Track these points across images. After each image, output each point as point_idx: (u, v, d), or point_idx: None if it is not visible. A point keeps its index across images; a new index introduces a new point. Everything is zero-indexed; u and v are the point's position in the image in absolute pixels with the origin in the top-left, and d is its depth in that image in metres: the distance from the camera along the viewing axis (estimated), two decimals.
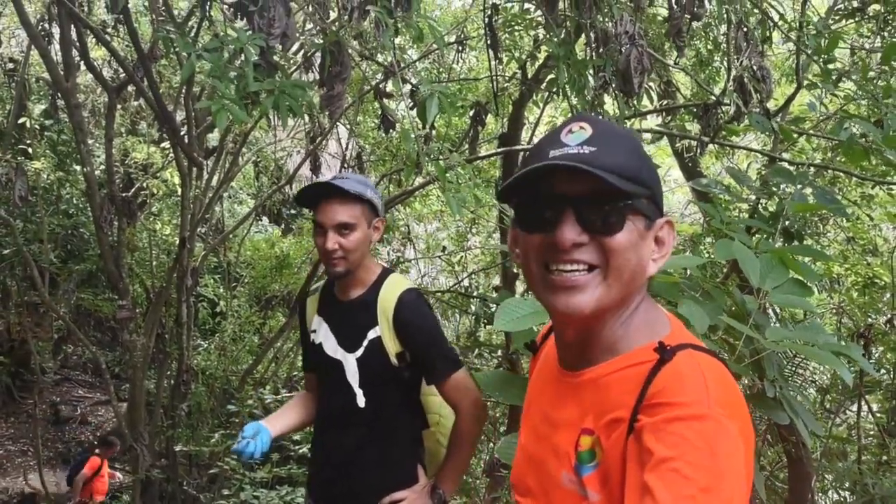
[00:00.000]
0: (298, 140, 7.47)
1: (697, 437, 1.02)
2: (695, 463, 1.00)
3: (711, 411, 1.05)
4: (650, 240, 1.18)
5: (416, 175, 6.78)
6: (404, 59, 5.84)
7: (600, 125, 1.18)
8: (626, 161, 1.14)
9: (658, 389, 1.09)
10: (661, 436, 1.04)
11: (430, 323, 2.42)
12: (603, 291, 1.14)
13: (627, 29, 3.70)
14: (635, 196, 1.14)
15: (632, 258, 1.15)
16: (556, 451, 1.23)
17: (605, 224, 1.13)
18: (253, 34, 2.75)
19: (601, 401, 1.17)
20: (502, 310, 2.01)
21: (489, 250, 7.45)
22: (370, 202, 2.39)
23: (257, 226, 9.15)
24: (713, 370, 1.13)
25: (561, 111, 6.71)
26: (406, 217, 7.71)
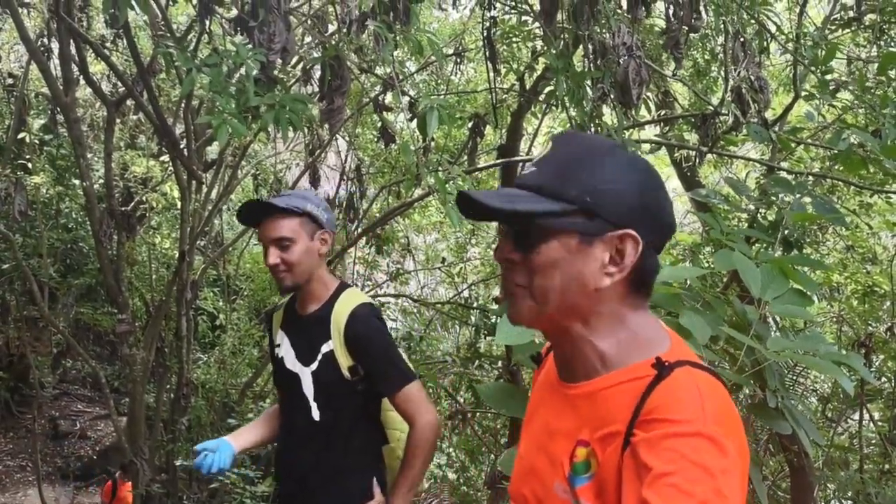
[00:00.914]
0: (297, 153, 7.48)
1: (694, 453, 1.03)
2: (693, 479, 1.01)
3: (707, 429, 1.06)
4: (596, 253, 1.18)
5: (415, 187, 6.82)
6: (403, 71, 5.86)
7: (564, 142, 1.24)
8: (553, 178, 1.18)
9: (654, 406, 1.11)
10: (658, 451, 1.05)
11: (381, 336, 2.44)
12: (532, 306, 1.21)
13: (625, 40, 3.72)
14: (546, 215, 1.16)
15: (555, 276, 1.18)
16: (551, 461, 1.25)
17: (523, 243, 1.19)
18: (253, 49, 2.77)
19: (597, 414, 1.19)
20: (504, 322, 2.01)
21: (489, 261, 7.46)
22: (310, 215, 2.43)
23: (256, 238, 9.14)
24: (710, 388, 1.14)
25: (559, 122, 6.73)
26: (405, 228, 7.72)
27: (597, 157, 1.21)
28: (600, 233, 1.18)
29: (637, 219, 1.19)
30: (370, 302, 2.51)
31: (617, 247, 1.19)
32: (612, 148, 1.25)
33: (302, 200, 2.47)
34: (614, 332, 1.22)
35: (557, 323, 1.23)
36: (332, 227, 2.54)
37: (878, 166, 2.65)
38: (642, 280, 1.23)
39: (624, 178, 1.20)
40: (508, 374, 6.11)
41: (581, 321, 1.22)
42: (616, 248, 1.19)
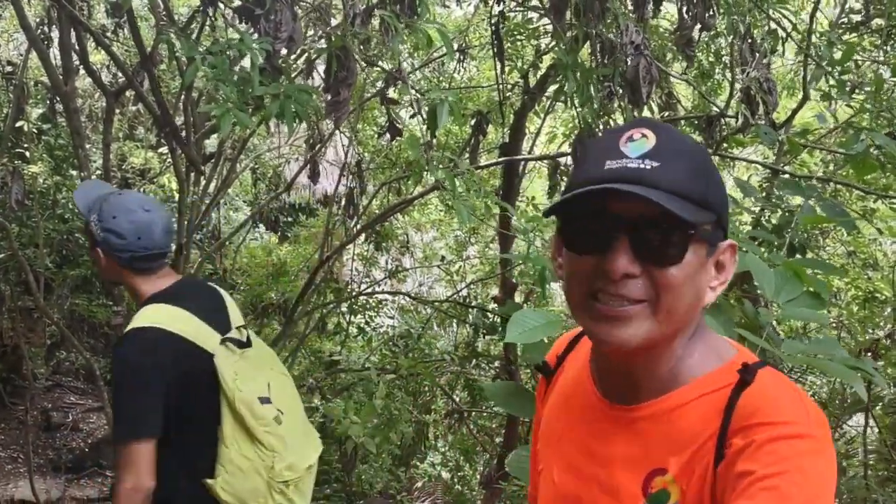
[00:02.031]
0: (297, 147, 7.44)
1: (800, 456, 0.96)
2: (796, 483, 0.93)
3: (812, 431, 0.99)
4: (710, 267, 1.08)
5: (417, 183, 6.77)
6: (405, 67, 5.82)
7: (664, 133, 1.05)
8: (691, 181, 1.02)
9: (752, 410, 1.01)
10: (760, 455, 0.96)
11: (120, 375, 2.25)
12: (651, 326, 1.04)
13: (633, 39, 3.68)
14: (700, 224, 1.02)
15: (687, 292, 1.04)
16: (608, 491, 1.13)
17: (662, 255, 1.02)
18: (259, 38, 2.72)
19: (674, 435, 1.07)
20: (513, 321, 1.96)
21: (488, 260, 7.42)
22: (88, 228, 2.35)
23: (253, 233, 9.10)
24: (801, 390, 1.06)
25: (560, 122, 6.69)
26: (404, 226, 7.68)
27: (701, 154, 1.09)
28: (717, 243, 1.08)
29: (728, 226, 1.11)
30: (145, 327, 2.26)
31: (719, 258, 1.09)
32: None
33: (85, 204, 2.38)
34: (690, 346, 1.11)
35: (662, 345, 1.08)
36: (109, 246, 2.33)
37: (893, 170, 2.62)
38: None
39: (721, 182, 1.10)
40: (507, 374, 6.08)
41: (675, 338, 1.09)
42: (717, 260, 1.09)
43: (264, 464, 2.27)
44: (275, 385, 2.39)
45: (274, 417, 2.32)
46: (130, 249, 2.32)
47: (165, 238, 2.40)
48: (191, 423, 2.30)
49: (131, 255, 2.33)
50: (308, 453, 2.45)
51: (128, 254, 2.32)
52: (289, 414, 2.39)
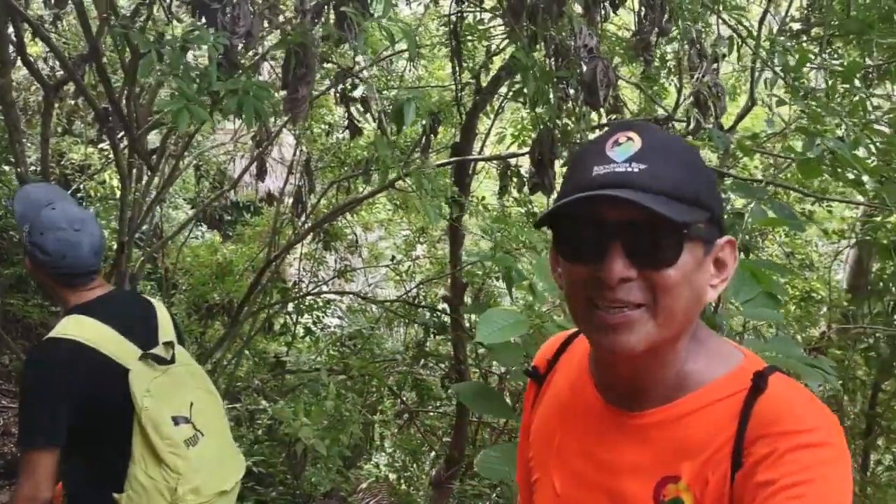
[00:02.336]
0: (243, 144, 7.30)
1: (823, 465, 0.96)
2: (821, 492, 0.93)
3: (833, 439, 0.99)
4: (709, 265, 1.07)
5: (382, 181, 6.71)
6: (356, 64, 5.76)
7: (649, 134, 1.05)
8: (682, 180, 1.02)
9: (773, 418, 1.01)
10: (782, 464, 0.96)
11: (28, 383, 2.23)
12: (652, 330, 1.03)
13: (587, 42, 3.72)
14: (692, 223, 1.01)
15: (685, 293, 1.03)
16: (619, 500, 1.11)
17: (657, 258, 1.01)
18: (216, 32, 2.66)
19: (686, 442, 1.06)
20: (483, 320, 1.96)
21: (437, 260, 7.42)
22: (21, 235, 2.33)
23: (194, 232, 8.90)
24: (813, 395, 1.06)
25: (509, 122, 6.72)
26: (352, 225, 7.61)
27: (690, 153, 1.08)
28: (714, 240, 1.07)
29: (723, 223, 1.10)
30: (60, 338, 2.24)
31: (718, 255, 1.09)
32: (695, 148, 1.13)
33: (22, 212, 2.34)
34: (695, 348, 1.10)
35: (665, 348, 1.07)
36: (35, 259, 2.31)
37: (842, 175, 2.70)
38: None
39: (714, 179, 1.10)
40: (456, 374, 6.09)
41: (676, 341, 1.08)
42: (717, 258, 1.08)
43: (167, 485, 2.25)
44: (199, 405, 2.39)
45: (186, 439, 2.31)
46: (55, 266, 2.30)
47: (93, 258, 2.36)
48: (102, 437, 2.28)
49: (55, 271, 2.31)
50: (224, 477, 2.42)
51: (52, 269, 2.31)
52: (210, 436, 2.38)
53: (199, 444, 2.33)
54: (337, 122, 7.17)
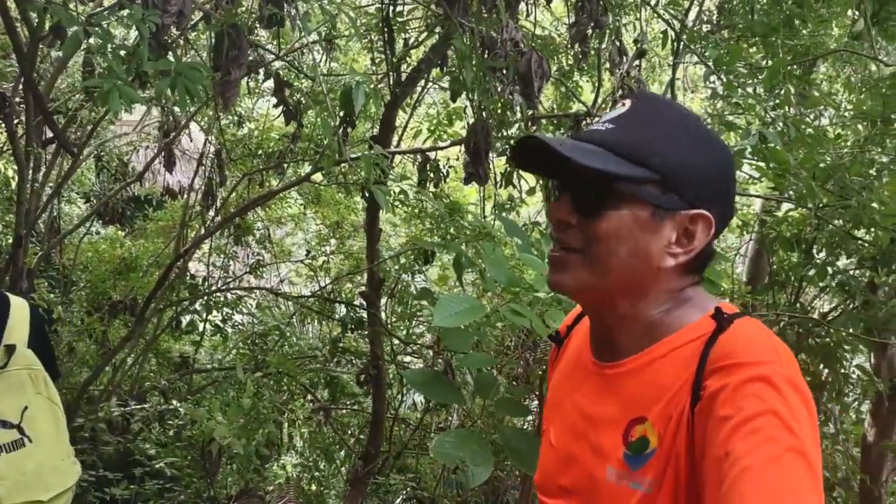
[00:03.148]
0: (147, 134, 7.00)
1: (777, 397, 0.97)
2: (778, 424, 0.95)
3: (784, 370, 1.01)
4: (664, 231, 1.11)
5: (279, 175, 6.56)
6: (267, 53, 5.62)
7: (643, 103, 1.14)
8: (634, 140, 1.09)
9: (727, 351, 1.04)
10: (737, 397, 0.98)
11: None
12: (586, 276, 1.12)
13: (513, 35, 3.75)
14: (625, 179, 1.07)
15: (619, 248, 1.10)
16: (597, 449, 1.16)
17: (588, 206, 1.11)
18: (147, 10, 2.53)
19: (652, 386, 1.11)
20: (440, 305, 1.94)
21: (353, 255, 7.32)
22: None
23: (90, 227, 8.48)
24: (775, 336, 1.09)
25: (425, 118, 6.71)
26: (264, 220, 7.42)
27: (681, 125, 1.13)
28: (674, 209, 1.11)
29: (711, 199, 1.12)
30: None
31: (687, 227, 1.12)
32: (695, 119, 1.17)
33: None
34: (668, 304, 1.15)
35: (608, 298, 1.15)
36: None
37: (762, 169, 2.82)
38: (703, 262, 1.17)
39: (705, 154, 1.13)
40: (374, 369, 6.02)
41: (636, 299, 1.15)
42: (685, 228, 1.12)
43: None
44: (33, 412, 2.36)
45: (4, 443, 2.27)
46: None
47: None
48: None
49: None
50: (44, 487, 2.38)
51: None
52: (39, 444, 2.36)
53: (20, 451, 2.31)
54: (247, 111, 6.98)
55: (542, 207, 7.03)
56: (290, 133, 6.42)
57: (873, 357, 5.73)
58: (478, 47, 3.74)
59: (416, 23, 5.73)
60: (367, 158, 2.61)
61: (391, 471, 6.79)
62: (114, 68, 2.37)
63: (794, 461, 0.92)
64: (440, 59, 5.13)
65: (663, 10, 3.62)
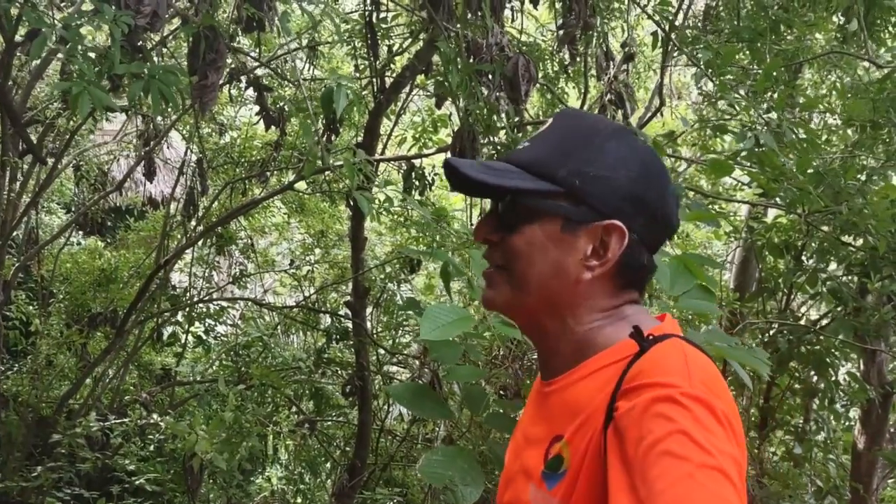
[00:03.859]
0: (127, 143, 6.89)
1: (685, 415, 0.94)
2: (687, 442, 0.91)
3: (694, 390, 0.97)
4: (579, 243, 1.10)
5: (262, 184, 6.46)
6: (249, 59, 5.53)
7: (563, 120, 1.17)
8: (543, 156, 1.12)
9: (637, 372, 1.02)
10: (645, 419, 0.95)
11: None
12: (509, 292, 1.15)
13: (498, 40, 3.69)
14: (530, 194, 1.10)
15: (537, 263, 1.11)
16: (525, 468, 1.15)
17: (508, 223, 1.13)
18: (119, 11, 2.43)
19: (573, 404, 1.09)
20: (427, 317, 1.86)
21: (338, 264, 7.22)
22: None
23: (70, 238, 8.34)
24: (697, 356, 1.05)
25: (409, 125, 6.64)
26: (246, 229, 7.32)
27: (595, 139, 1.13)
28: (585, 221, 1.11)
29: (628, 211, 1.11)
30: None
31: (602, 238, 1.11)
32: (616, 132, 1.16)
33: None
34: (599, 322, 1.13)
35: (534, 315, 1.16)
36: None
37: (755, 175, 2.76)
38: (631, 277, 1.14)
39: (621, 166, 1.12)
40: (360, 380, 5.92)
41: (561, 315, 1.14)
42: (601, 240, 1.11)
43: None
44: None
45: None
46: None
47: None
48: None
49: None
50: None
51: None
52: None
53: None
54: (229, 120, 6.88)
55: None
56: (273, 141, 6.34)
57: (862, 364, 5.71)
58: (463, 51, 3.68)
59: (400, 29, 5.68)
60: (349, 164, 2.53)
61: (377, 484, 6.69)
62: (84, 71, 2.27)
63: (710, 477, 0.89)
64: (425, 65, 5.07)
65: (653, 11, 3.56)
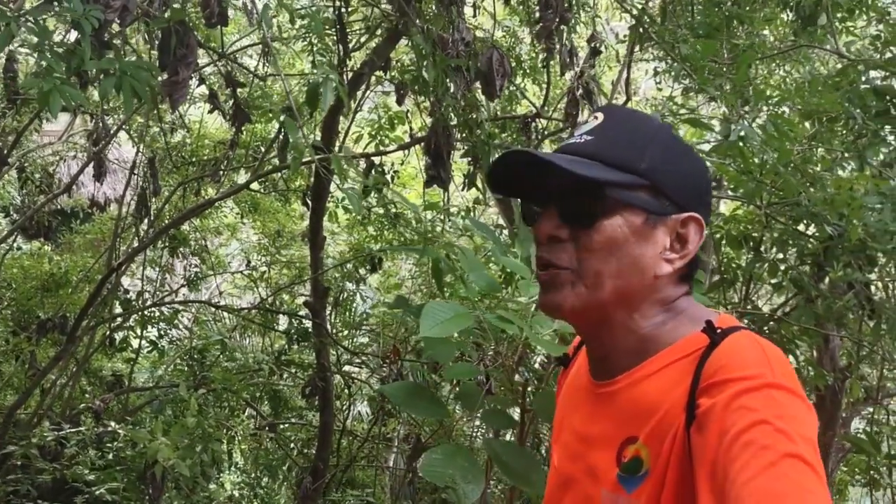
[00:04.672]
0: (73, 143, 6.67)
1: (767, 405, 0.94)
2: (769, 430, 0.91)
3: (777, 379, 0.97)
4: (658, 237, 1.09)
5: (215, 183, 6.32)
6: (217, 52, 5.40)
7: (617, 115, 1.15)
8: (617, 148, 1.09)
9: (717, 367, 1.00)
10: (728, 413, 0.95)
11: None
12: (580, 291, 1.09)
13: (464, 36, 3.67)
14: (617, 186, 1.07)
15: (614, 258, 1.08)
16: (591, 471, 1.13)
17: (581, 217, 1.08)
18: (88, 5, 2.34)
19: (644, 403, 1.07)
20: (426, 314, 1.83)
21: (296, 264, 7.12)
22: None
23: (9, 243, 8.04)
24: (772, 347, 1.05)
25: (366, 123, 6.58)
26: (200, 230, 7.15)
27: (660, 134, 1.13)
28: (666, 214, 1.09)
29: (697, 203, 1.12)
30: None
31: (678, 231, 1.10)
32: (670, 128, 1.16)
33: None
34: (661, 316, 1.12)
35: (603, 313, 1.11)
36: None
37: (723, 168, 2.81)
38: (692, 270, 1.15)
39: (688, 160, 1.14)
40: (321, 381, 5.84)
41: (630, 311, 1.11)
42: (677, 233, 1.10)
43: None
44: None
45: None
46: None
47: None
48: None
49: None
50: None
51: None
52: None
53: None
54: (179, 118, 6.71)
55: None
56: (226, 140, 6.21)
57: (815, 352, 5.87)
58: (438, 46, 3.66)
59: (358, 25, 5.61)
60: (337, 160, 2.48)
61: (340, 485, 6.61)
62: (53, 67, 2.18)
63: (792, 465, 0.89)
64: (384, 61, 5.02)
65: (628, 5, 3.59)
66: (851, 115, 3.61)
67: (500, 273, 3.03)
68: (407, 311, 2.19)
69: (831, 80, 3.65)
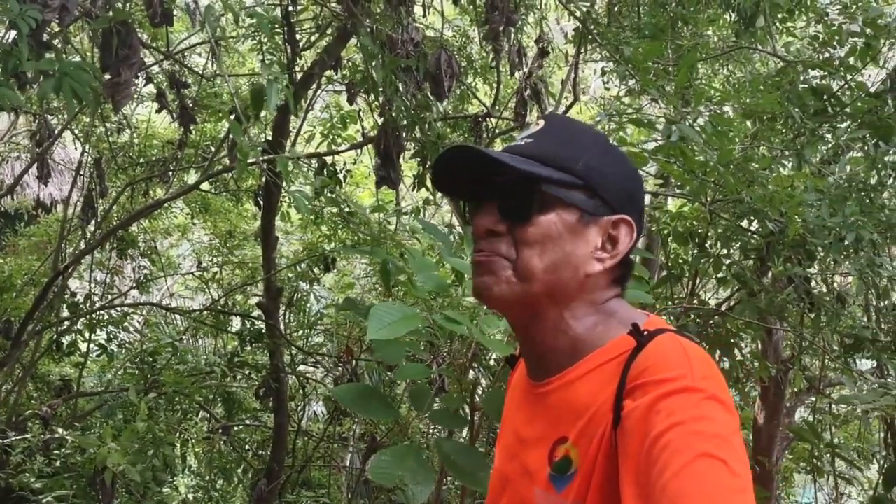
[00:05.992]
0: (14, 144, 6.51)
1: (685, 408, 0.97)
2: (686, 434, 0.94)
3: (696, 383, 1.00)
4: (590, 236, 1.13)
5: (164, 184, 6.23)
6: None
7: (557, 122, 1.19)
8: (555, 149, 1.13)
9: (641, 370, 1.04)
10: (650, 415, 0.98)
11: None
12: (514, 283, 1.12)
13: (413, 36, 3.68)
14: (554, 183, 1.10)
15: (548, 253, 1.11)
16: (526, 471, 1.15)
17: (517, 212, 1.12)
18: (26, 5, 2.29)
19: (575, 404, 1.10)
20: (373, 317, 1.84)
21: (248, 266, 7.05)
22: None
23: None
24: (695, 349, 1.08)
25: (318, 122, 6.54)
26: (148, 231, 7.04)
27: (599, 139, 1.18)
28: (599, 214, 1.13)
29: (629, 207, 1.16)
30: None
31: (610, 232, 1.14)
32: (605, 136, 1.23)
33: None
34: (592, 318, 1.15)
35: (536, 307, 1.14)
36: None
37: (668, 167, 2.86)
38: (624, 272, 1.18)
39: (622, 166, 1.19)
40: (276, 382, 5.80)
41: (561, 309, 1.14)
42: (609, 234, 1.14)
43: None
44: None
45: None
46: None
47: None
48: None
49: None
50: None
51: None
52: None
53: None
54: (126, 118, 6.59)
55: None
56: (174, 140, 6.12)
57: (759, 344, 6.01)
58: (386, 46, 3.66)
59: (308, 24, 5.58)
60: (284, 162, 2.47)
61: (296, 486, 6.58)
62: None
63: (707, 464, 0.92)
64: (334, 60, 5.01)
65: (573, 7, 3.63)
66: (791, 115, 3.72)
67: (452, 273, 3.05)
68: (356, 312, 2.20)
69: (772, 80, 3.74)
